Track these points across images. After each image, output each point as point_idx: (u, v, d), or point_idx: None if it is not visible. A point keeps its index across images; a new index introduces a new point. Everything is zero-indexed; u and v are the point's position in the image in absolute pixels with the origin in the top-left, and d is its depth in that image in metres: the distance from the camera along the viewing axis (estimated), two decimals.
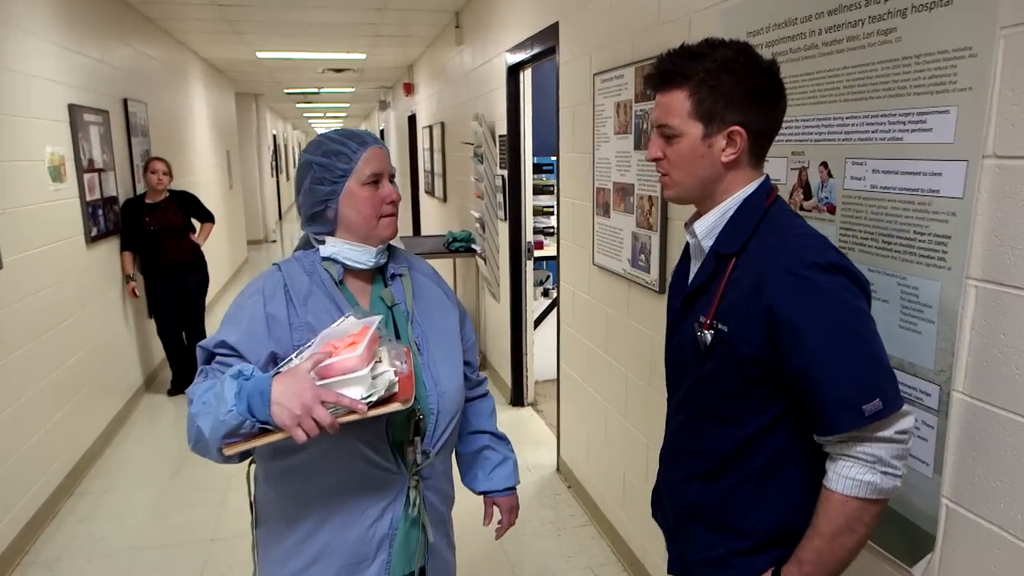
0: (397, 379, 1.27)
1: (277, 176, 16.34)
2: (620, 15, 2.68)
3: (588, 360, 3.31)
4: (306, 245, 1.52)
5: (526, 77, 4.25)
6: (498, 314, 5.07)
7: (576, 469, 3.61)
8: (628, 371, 2.84)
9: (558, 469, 3.88)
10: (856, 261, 1.49)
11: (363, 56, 8.22)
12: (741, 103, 1.22)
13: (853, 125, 1.50)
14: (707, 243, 1.32)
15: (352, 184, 1.44)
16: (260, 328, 1.36)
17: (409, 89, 9.33)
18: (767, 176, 1.31)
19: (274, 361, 1.36)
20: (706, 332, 1.27)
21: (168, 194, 4.93)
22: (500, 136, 4.60)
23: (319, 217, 1.46)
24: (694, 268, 1.38)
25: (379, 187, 1.45)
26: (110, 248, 4.59)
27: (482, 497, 1.74)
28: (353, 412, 1.21)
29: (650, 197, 2.49)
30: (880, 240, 1.44)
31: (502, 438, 1.78)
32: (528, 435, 4.37)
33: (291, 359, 1.32)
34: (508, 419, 4.62)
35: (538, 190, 5.03)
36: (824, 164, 1.59)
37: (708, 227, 1.31)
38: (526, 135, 4.36)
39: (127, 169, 5.03)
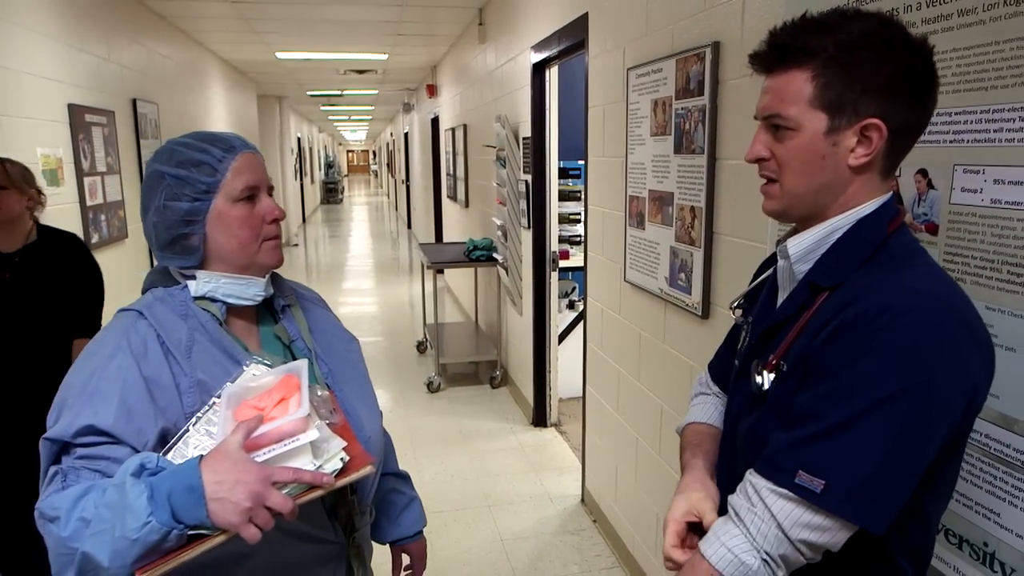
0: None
1: (301, 179, 16.19)
2: (659, 0, 2.37)
3: (617, 386, 3.00)
4: (163, 279, 1.20)
5: (552, 75, 3.96)
6: (520, 328, 4.78)
7: (603, 503, 3.29)
8: (663, 403, 2.52)
9: (583, 500, 3.57)
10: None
11: (384, 56, 7.99)
12: (883, 89, 0.90)
13: (965, 123, 1.18)
14: (801, 268, 1.01)
15: (221, 203, 1.12)
16: (140, 400, 1.02)
17: (432, 91, 9.09)
18: (894, 194, 0.99)
19: (163, 441, 1.03)
20: (766, 374, 0.99)
21: (37, 237, 2.48)
22: (524, 139, 4.32)
23: (180, 246, 1.14)
24: (780, 300, 1.08)
25: (256, 203, 1.15)
26: (113, 256, 4.37)
27: (388, 547, 1.47)
28: (316, 488, 0.94)
29: (692, 208, 2.18)
30: (1005, 271, 1.12)
31: (405, 477, 1.51)
32: (551, 460, 4.06)
33: (187, 431, 1.00)
34: (530, 441, 4.32)
35: (564, 196, 4.74)
36: (923, 172, 1.27)
37: (806, 248, 1.00)
38: (551, 137, 4.07)
39: (135, 172, 4.81)
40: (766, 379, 0.99)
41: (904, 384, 0.83)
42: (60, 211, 3.62)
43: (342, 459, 0.98)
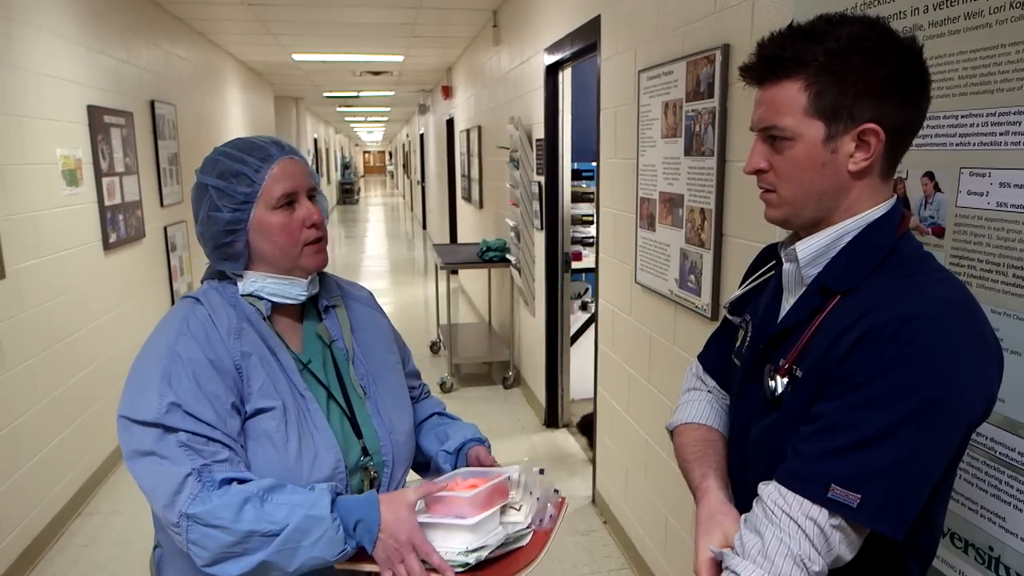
0: (527, 535, 1.15)
1: None
2: (670, 3, 2.38)
3: (628, 387, 3.00)
4: (219, 274, 1.27)
5: (565, 77, 3.97)
6: (533, 329, 4.79)
7: (613, 503, 3.30)
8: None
9: (593, 501, 3.58)
10: None
11: (400, 58, 8.03)
12: (876, 93, 0.90)
13: (972, 126, 1.18)
14: (810, 272, 1.01)
15: (260, 211, 1.18)
16: (211, 381, 1.11)
17: (447, 92, 9.12)
18: (898, 197, 0.99)
19: (238, 412, 1.14)
20: (779, 379, 0.98)
21: None
22: (537, 140, 4.33)
23: (226, 252, 1.21)
24: (787, 304, 1.07)
25: (295, 209, 1.20)
26: (130, 255, 4.43)
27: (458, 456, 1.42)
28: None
29: (702, 210, 2.18)
30: (1010, 274, 1.12)
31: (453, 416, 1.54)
32: (562, 461, 4.07)
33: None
34: (542, 442, 4.33)
35: (577, 198, 4.73)
36: (929, 175, 1.27)
37: (815, 251, 1.00)
38: (564, 139, 4.08)
39: (152, 173, 4.87)
40: (779, 384, 0.98)
41: (938, 394, 0.83)
42: (78, 211, 3.68)
43: (488, 551, 1.10)
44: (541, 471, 1.23)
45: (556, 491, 1.25)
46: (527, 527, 1.14)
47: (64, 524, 3.34)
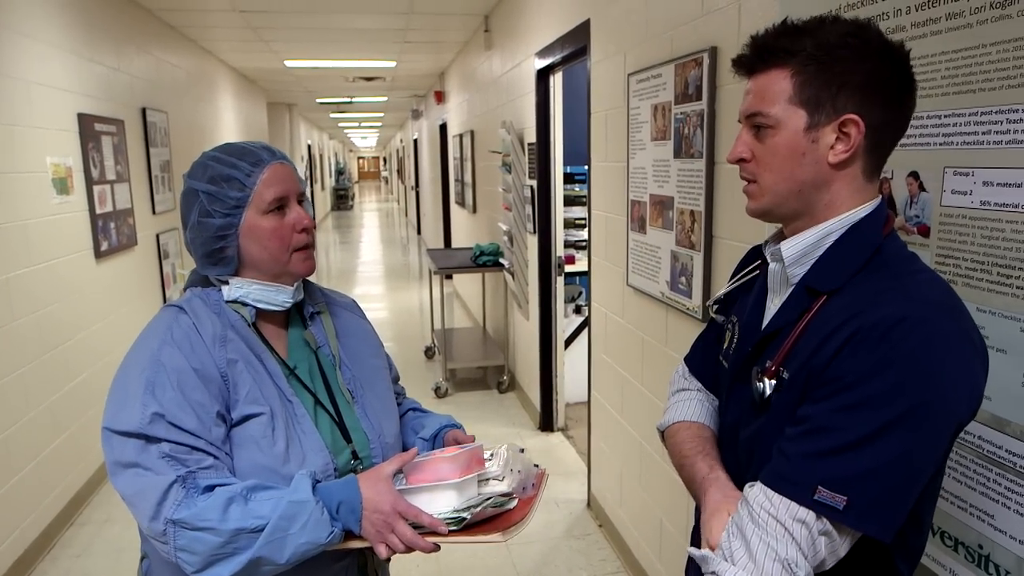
0: (511, 500, 1.17)
1: (312, 186, 16.29)
2: (658, 7, 2.39)
3: (622, 390, 3.00)
4: (203, 282, 1.26)
5: (556, 81, 3.98)
6: (527, 332, 4.79)
7: (608, 507, 3.29)
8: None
9: (589, 505, 3.57)
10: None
11: (393, 64, 8.03)
12: (859, 87, 0.91)
13: (955, 125, 1.18)
14: (795, 271, 1.01)
15: (251, 215, 1.17)
16: (196, 390, 1.10)
17: (440, 97, 9.14)
18: (883, 198, 0.99)
19: (224, 420, 1.12)
20: (767, 381, 0.97)
21: None
22: (529, 144, 4.33)
23: (216, 257, 1.20)
24: (772, 305, 1.07)
25: (285, 214, 1.20)
26: (122, 263, 4.41)
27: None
28: (436, 533, 1.09)
29: (692, 212, 2.18)
30: (994, 272, 1.12)
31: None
32: (558, 465, 4.06)
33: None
34: (537, 446, 4.32)
35: (569, 201, 4.73)
36: (914, 174, 1.27)
37: (801, 251, 1.00)
38: (556, 143, 4.09)
39: (144, 180, 4.86)
40: (767, 386, 0.98)
41: (926, 396, 0.83)
42: (69, 219, 3.67)
43: (475, 511, 1.11)
44: (522, 449, 1.25)
45: (536, 465, 1.27)
46: (510, 495, 1.17)
47: (57, 534, 3.33)
